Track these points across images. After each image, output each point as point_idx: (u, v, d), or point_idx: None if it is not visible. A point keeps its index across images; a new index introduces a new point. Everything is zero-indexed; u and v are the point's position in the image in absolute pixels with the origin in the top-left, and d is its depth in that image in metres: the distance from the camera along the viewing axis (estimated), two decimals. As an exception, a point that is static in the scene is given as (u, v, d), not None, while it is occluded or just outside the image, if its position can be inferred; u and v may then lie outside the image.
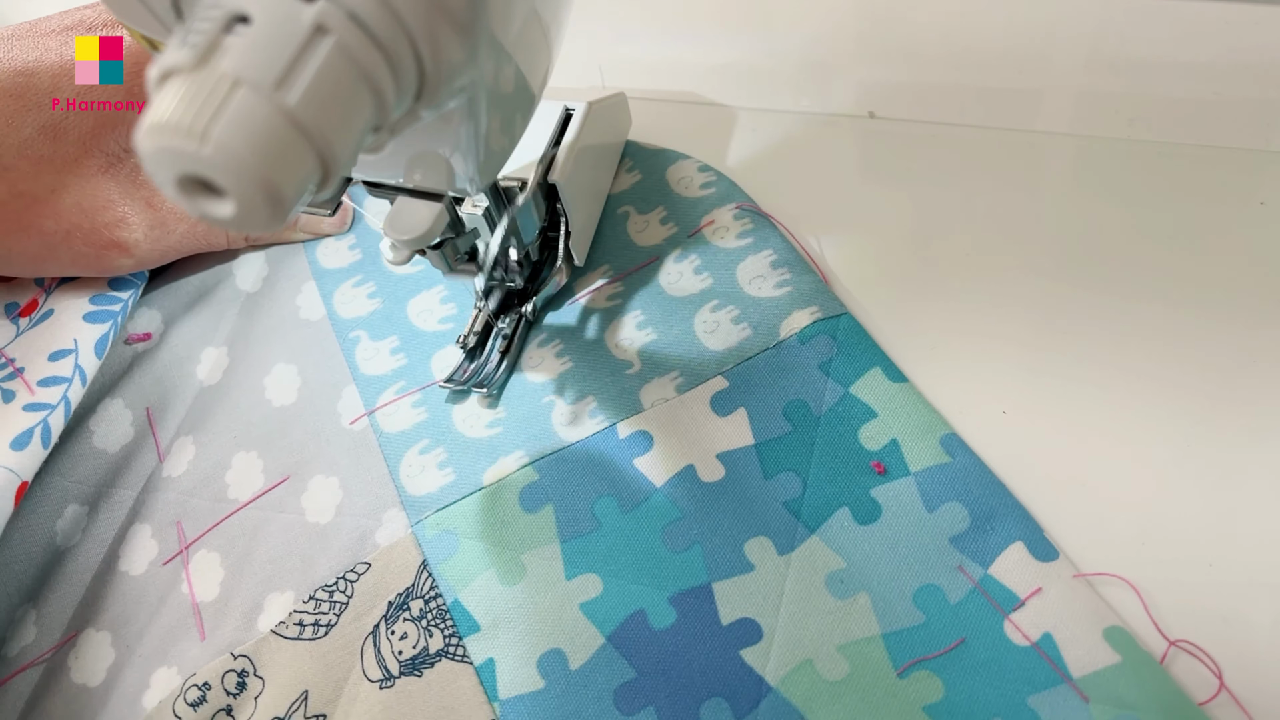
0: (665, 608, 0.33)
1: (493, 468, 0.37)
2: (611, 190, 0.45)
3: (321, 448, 0.39)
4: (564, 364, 0.39)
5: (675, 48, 0.50)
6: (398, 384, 0.40)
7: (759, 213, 0.42)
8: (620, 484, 0.35)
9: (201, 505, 0.39)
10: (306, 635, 0.34)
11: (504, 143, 0.31)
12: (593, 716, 0.31)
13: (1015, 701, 0.29)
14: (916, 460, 0.34)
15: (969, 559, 0.32)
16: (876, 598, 0.32)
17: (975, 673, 0.30)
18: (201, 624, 0.36)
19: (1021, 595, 0.31)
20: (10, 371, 0.40)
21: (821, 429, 0.35)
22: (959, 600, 0.31)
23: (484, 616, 0.33)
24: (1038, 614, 0.30)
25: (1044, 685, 0.29)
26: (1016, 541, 0.32)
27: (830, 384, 0.36)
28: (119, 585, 0.38)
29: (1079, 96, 0.43)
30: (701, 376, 0.38)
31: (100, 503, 0.40)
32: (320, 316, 0.44)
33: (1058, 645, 0.30)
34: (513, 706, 0.32)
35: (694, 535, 0.34)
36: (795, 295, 0.39)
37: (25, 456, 0.37)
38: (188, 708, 0.33)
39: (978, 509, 0.33)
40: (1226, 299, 0.36)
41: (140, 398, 0.42)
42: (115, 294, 0.43)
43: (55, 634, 0.37)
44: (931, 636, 0.31)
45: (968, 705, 0.30)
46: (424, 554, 0.35)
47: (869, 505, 0.34)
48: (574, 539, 0.35)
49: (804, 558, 0.33)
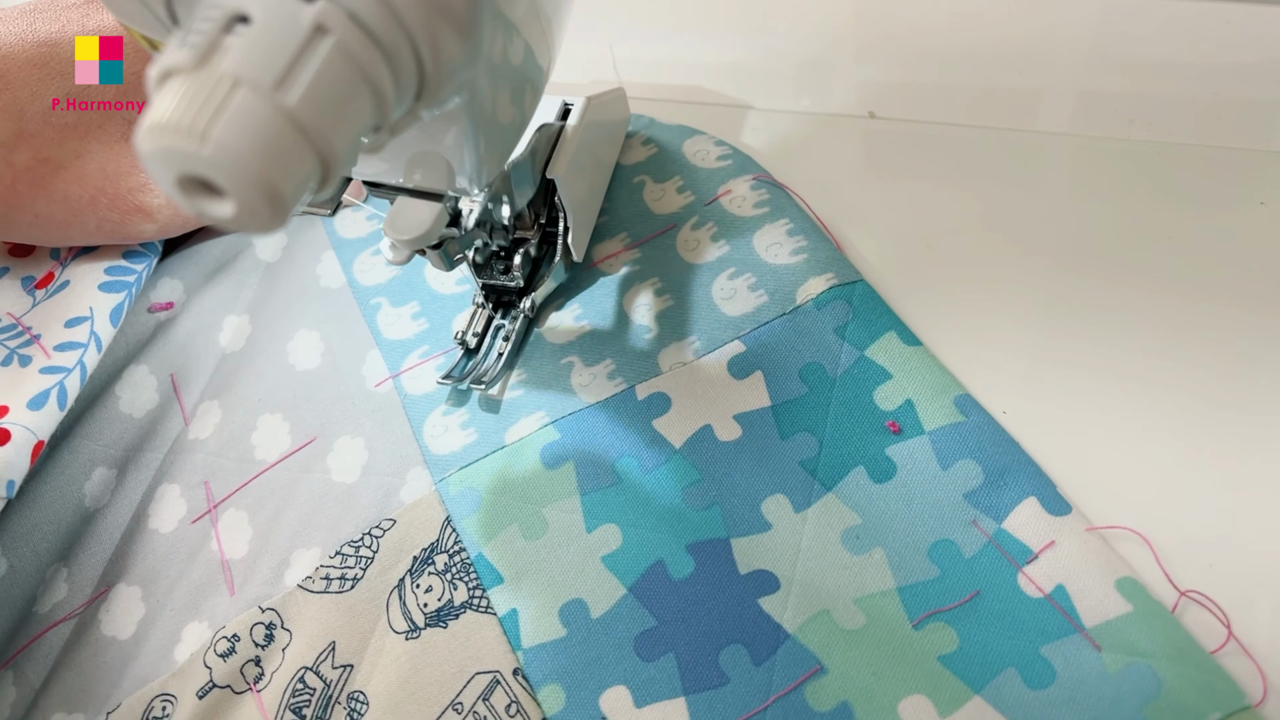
0: (684, 557, 0.33)
1: (514, 427, 0.38)
2: (626, 161, 0.46)
3: (347, 410, 0.40)
4: (582, 327, 0.40)
5: (675, 48, 0.50)
6: (421, 348, 0.41)
7: (775, 184, 0.43)
8: (639, 445, 0.36)
9: (229, 466, 0.40)
10: (333, 589, 0.35)
11: (504, 141, 0.31)
12: (613, 663, 0.32)
13: (1029, 651, 0.30)
14: (930, 419, 0.34)
15: (983, 514, 0.32)
16: (891, 553, 0.32)
17: (989, 624, 0.30)
18: (230, 580, 0.37)
19: (1035, 549, 0.31)
20: (27, 339, 0.41)
21: (837, 390, 0.36)
22: (973, 554, 0.32)
23: (507, 569, 0.34)
24: (1050, 566, 0.31)
25: (1057, 635, 0.30)
26: (1030, 497, 0.32)
27: (846, 347, 0.37)
28: (149, 542, 0.38)
29: (1079, 96, 0.43)
30: (719, 341, 0.38)
31: (128, 465, 0.41)
32: (341, 284, 0.45)
33: (1070, 596, 0.30)
34: (535, 655, 0.32)
35: (713, 496, 0.35)
36: (811, 262, 0.39)
37: (41, 416, 0.38)
38: (217, 659, 0.34)
39: (991, 466, 0.33)
40: (1226, 299, 0.36)
41: (164, 364, 0.43)
42: (130, 265, 0.44)
43: (86, 590, 0.38)
44: (946, 589, 0.31)
45: (981, 655, 0.30)
46: (448, 510, 0.36)
47: (884, 463, 0.34)
48: (594, 492, 0.35)
49: (820, 514, 0.34)
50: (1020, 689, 0.29)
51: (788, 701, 0.30)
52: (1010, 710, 0.29)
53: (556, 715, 0.31)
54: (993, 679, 0.30)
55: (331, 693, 0.33)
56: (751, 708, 0.30)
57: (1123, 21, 0.40)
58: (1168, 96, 0.41)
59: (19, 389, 0.38)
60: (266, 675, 0.34)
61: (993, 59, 0.44)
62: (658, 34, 0.50)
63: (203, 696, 0.34)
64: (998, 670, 0.30)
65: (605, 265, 0.42)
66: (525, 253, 0.39)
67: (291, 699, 0.33)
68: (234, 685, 0.34)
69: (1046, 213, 0.41)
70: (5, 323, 0.42)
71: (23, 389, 0.38)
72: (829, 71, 0.47)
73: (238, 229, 0.20)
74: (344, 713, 0.33)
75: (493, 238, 0.38)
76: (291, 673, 0.34)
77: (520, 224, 0.40)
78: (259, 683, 0.34)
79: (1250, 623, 0.29)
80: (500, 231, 0.38)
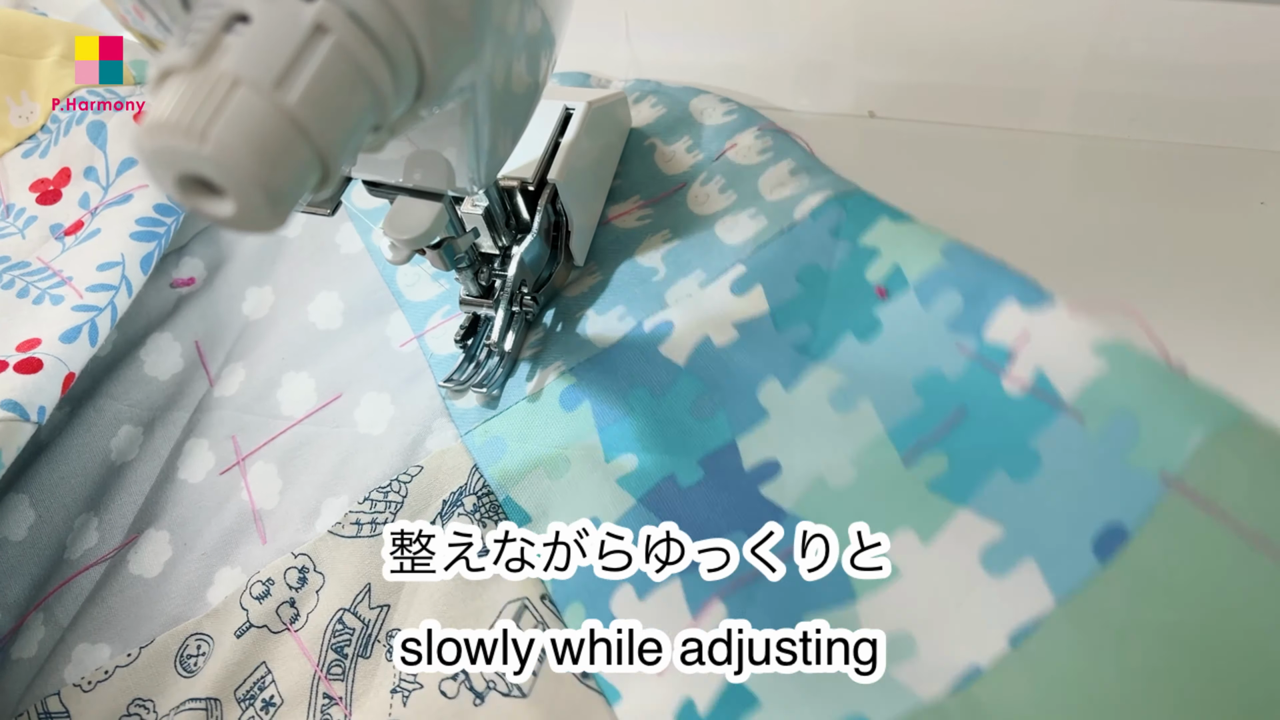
0: (694, 468, 0.34)
1: (533, 380, 0.39)
2: (636, 125, 0.46)
3: (373, 369, 0.41)
4: (594, 278, 0.41)
5: (675, 48, 0.50)
6: (443, 308, 0.42)
7: (780, 130, 0.43)
8: (649, 373, 0.37)
9: (255, 421, 0.41)
10: (364, 534, 0.36)
11: (505, 141, 0.31)
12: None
13: (1016, 447, 0.28)
14: (915, 271, 0.34)
15: (964, 334, 0.31)
16: (878, 400, 0.32)
17: (976, 434, 0.30)
18: (262, 529, 0.38)
19: (1010, 345, 0.30)
20: (58, 280, 0.42)
21: (832, 282, 0.36)
22: (958, 375, 0.31)
23: (534, 509, 0.35)
24: (1029, 357, 0.29)
25: (1043, 423, 0.28)
26: (1008, 297, 0.31)
27: (841, 243, 0.37)
28: (178, 492, 0.40)
29: (1079, 96, 0.43)
30: (722, 269, 0.38)
31: (155, 423, 0.42)
32: (359, 249, 0.46)
33: (1049, 378, 0.28)
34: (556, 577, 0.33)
35: (717, 400, 0.35)
36: (810, 186, 0.39)
37: (74, 349, 0.39)
38: (253, 600, 0.36)
39: (970, 288, 0.32)
40: (1226, 299, 0.36)
41: (188, 332, 0.45)
42: (160, 217, 0.45)
43: (117, 537, 0.39)
44: (931, 416, 0.31)
45: (969, 468, 0.29)
46: (474, 458, 0.37)
47: (870, 324, 0.34)
48: (610, 425, 0.36)
49: (808, 387, 0.34)
50: (1006, 486, 0.28)
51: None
52: (994, 511, 0.28)
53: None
54: (980, 487, 0.29)
55: (370, 631, 0.34)
56: (743, 575, 0.31)
57: (1123, 21, 0.40)
58: (1168, 96, 0.41)
59: (52, 324, 0.39)
60: (303, 616, 0.35)
61: (993, 59, 0.44)
62: (657, 34, 0.50)
63: (240, 636, 0.35)
64: (986, 476, 0.29)
65: (619, 222, 0.43)
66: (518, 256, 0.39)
67: (333, 639, 0.34)
68: (270, 625, 0.35)
69: (1046, 213, 0.41)
70: (35, 266, 0.44)
71: (56, 324, 0.39)
72: (829, 71, 0.47)
73: (238, 228, 0.20)
74: (383, 650, 0.34)
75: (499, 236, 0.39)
76: (330, 614, 0.35)
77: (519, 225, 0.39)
78: (295, 623, 0.35)
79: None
80: (505, 231, 0.38)
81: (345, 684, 0.34)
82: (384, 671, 0.33)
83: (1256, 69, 0.40)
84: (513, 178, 0.37)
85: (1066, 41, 0.43)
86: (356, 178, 0.33)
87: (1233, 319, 0.36)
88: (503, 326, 0.38)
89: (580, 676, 0.31)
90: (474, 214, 0.36)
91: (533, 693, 0.31)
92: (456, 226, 0.35)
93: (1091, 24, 0.41)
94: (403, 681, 0.32)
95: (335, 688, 0.34)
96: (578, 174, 0.39)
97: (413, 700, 0.32)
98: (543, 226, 0.38)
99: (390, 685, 0.32)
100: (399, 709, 0.32)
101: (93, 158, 0.47)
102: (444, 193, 0.32)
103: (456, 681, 0.32)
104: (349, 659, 0.34)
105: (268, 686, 0.34)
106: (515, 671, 0.31)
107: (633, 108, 0.47)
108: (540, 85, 0.30)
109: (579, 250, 0.41)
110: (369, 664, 0.34)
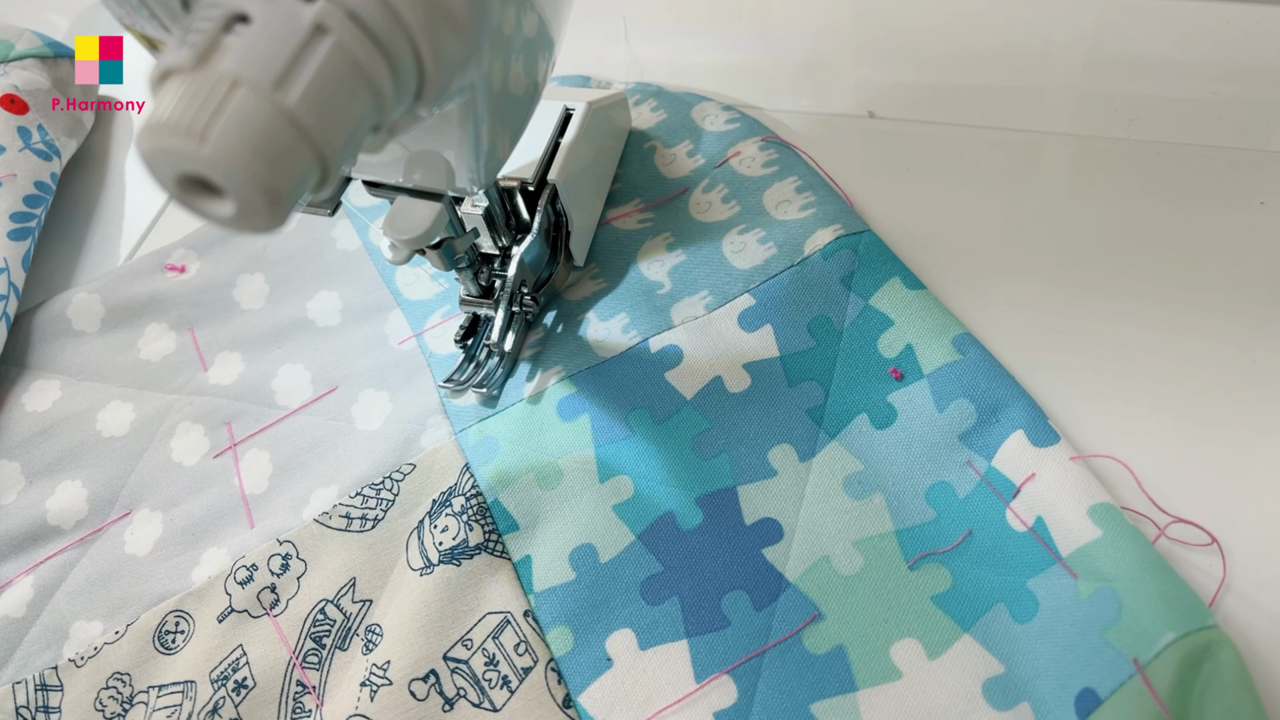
0: (693, 509, 0.34)
1: (532, 382, 0.39)
2: (637, 127, 0.46)
3: (370, 365, 0.42)
4: (598, 284, 0.41)
5: (675, 48, 0.50)
6: (443, 308, 0.42)
7: (784, 144, 0.43)
8: (652, 396, 0.37)
9: (251, 410, 0.42)
10: (354, 528, 0.37)
11: (504, 142, 0.31)
12: (620, 606, 0.33)
13: (1016, 586, 0.30)
14: (929, 361, 0.35)
15: (975, 453, 0.33)
16: (891, 497, 0.33)
17: (980, 562, 0.31)
18: (250, 514, 0.38)
19: (1018, 482, 0.32)
20: None
21: (844, 342, 0.37)
22: (966, 494, 0.32)
23: (523, 517, 0.35)
24: (1032, 499, 0.31)
25: (1041, 568, 0.30)
26: (1018, 430, 0.33)
27: (852, 298, 0.37)
28: (170, 473, 0.40)
29: (1079, 96, 0.43)
30: (729, 295, 0.39)
31: (145, 400, 0.43)
32: (356, 247, 0.46)
33: (1048, 527, 0.30)
34: (545, 598, 0.33)
35: (721, 444, 0.35)
36: (819, 216, 0.40)
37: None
38: (237, 585, 0.36)
39: (984, 402, 0.34)
40: (1226, 299, 0.36)
41: (181, 319, 0.45)
42: (29, 210, 0.45)
43: (107, 512, 0.40)
44: (941, 531, 0.32)
45: (973, 593, 0.31)
46: (466, 458, 0.37)
47: (886, 410, 0.35)
48: (608, 444, 0.36)
49: (824, 462, 0.34)
50: (1007, 624, 0.30)
51: (786, 645, 0.31)
52: (996, 647, 0.29)
53: (564, 656, 0.32)
54: (982, 616, 0.30)
55: (350, 625, 0.35)
56: (750, 650, 0.31)
57: (1123, 21, 0.40)
58: (1168, 96, 0.41)
59: None
60: (283, 602, 0.36)
61: (993, 59, 0.44)
62: (658, 35, 0.50)
63: (222, 620, 0.36)
64: (987, 607, 0.30)
65: (619, 223, 0.43)
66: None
67: (312, 628, 0.35)
68: (251, 610, 0.36)
69: (1046, 213, 0.41)
70: None
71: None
72: (829, 71, 0.47)
73: (237, 228, 0.20)
74: (360, 643, 0.34)
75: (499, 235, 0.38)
76: (312, 604, 0.35)
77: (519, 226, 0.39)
78: (275, 608, 0.35)
79: (1240, 545, 0.30)
80: (505, 231, 0.38)
81: (320, 673, 0.34)
82: (358, 665, 0.33)
83: (1256, 69, 0.40)
84: (513, 178, 0.37)
85: (1066, 41, 0.43)
86: (356, 178, 0.33)
87: (1233, 319, 0.36)
88: (503, 327, 0.38)
89: (563, 703, 0.31)
90: (474, 214, 0.36)
91: (504, 708, 0.31)
92: (456, 227, 0.35)
93: (1091, 24, 0.41)
94: (373, 676, 0.32)
95: (310, 676, 0.34)
96: (578, 174, 0.39)
97: (380, 696, 0.32)
98: (543, 227, 0.38)
99: (360, 678, 0.32)
100: (365, 703, 0.32)
101: None
102: (444, 193, 0.32)
103: (427, 684, 0.32)
104: (326, 650, 0.34)
105: (241, 668, 0.34)
106: (496, 685, 0.32)
107: (633, 110, 0.47)
108: (539, 86, 0.30)
109: (579, 251, 0.41)
110: (345, 656, 0.34)
